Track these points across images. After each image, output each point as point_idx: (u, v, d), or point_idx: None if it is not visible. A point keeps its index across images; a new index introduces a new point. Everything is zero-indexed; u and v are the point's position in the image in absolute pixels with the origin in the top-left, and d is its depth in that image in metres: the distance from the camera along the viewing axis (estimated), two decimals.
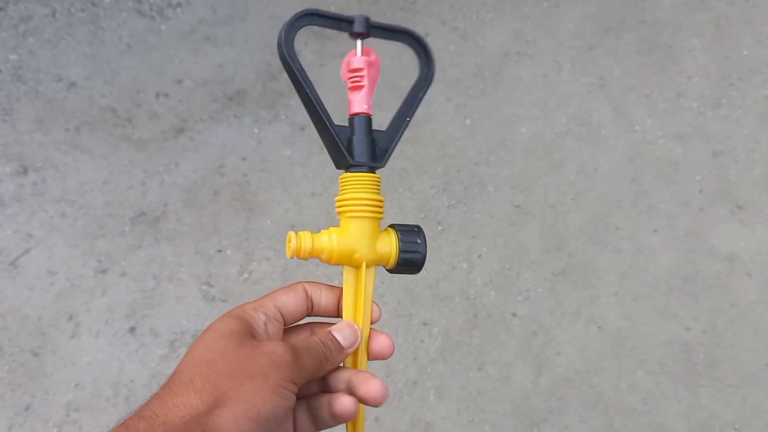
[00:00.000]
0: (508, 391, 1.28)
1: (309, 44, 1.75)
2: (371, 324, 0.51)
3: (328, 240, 0.49)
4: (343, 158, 0.51)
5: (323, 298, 0.51)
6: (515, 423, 1.25)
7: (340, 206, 0.51)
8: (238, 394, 0.41)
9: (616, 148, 1.58)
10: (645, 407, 1.26)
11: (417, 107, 0.54)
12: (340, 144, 0.51)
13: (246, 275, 1.42)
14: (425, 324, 1.35)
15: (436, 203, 1.50)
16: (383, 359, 0.51)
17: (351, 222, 0.50)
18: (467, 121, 1.63)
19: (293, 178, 1.54)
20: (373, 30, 0.53)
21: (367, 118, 0.52)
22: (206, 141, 1.60)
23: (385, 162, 0.52)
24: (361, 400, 0.49)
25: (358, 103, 0.52)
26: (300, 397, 0.47)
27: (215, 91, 1.67)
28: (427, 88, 0.55)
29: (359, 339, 0.50)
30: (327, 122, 0.51)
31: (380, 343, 0.51)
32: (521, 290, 1.39)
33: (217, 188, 1.53)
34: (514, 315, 1.36)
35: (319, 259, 0.49)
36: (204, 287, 1.40)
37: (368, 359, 0.51)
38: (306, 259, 0.49)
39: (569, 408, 1.26)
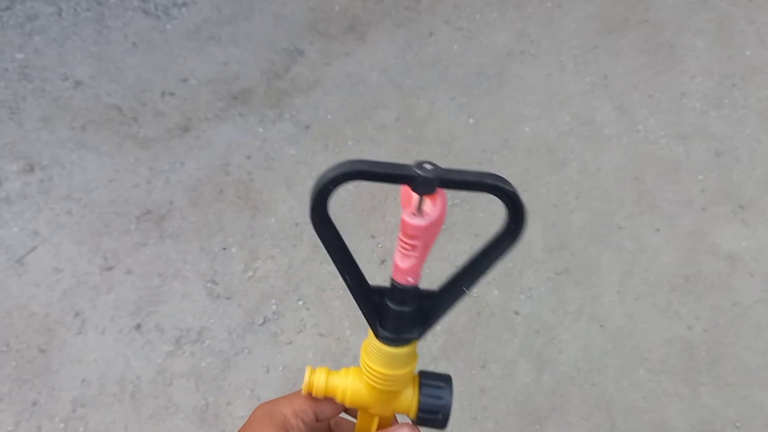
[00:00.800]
0: (510, 389, 1.29)
1: (314, 44, 1.76)
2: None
3: (342, 388, 0.44)
4: (373, 326, 0.43)
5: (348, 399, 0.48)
6: (517, 420, 1.26)
7: (363, 364, 0.44)
8: None
9: (618, 148, 1.59)
10: (646, 405, 1.27)
11: (486, 272, 0.43)
12: (369, 314, 0.43)
13: (250, 273, 1.43)
14: None
15: None
16: None
17: (368, 384, 0.44)
18: (471, 120, 1.64)
19: (298, 176, 1.55)
20: (444, 183, 0.38)
21: (413, 291, 0.42)
22: (211, 139, 1.61)
23: (424, 335, 0.43)
24: None
25: (404, 273, 0.41)
26: None
27: (220, 90, 1.69)
28: (509, 250, 0.42)
29: None
30: (356, 290, 0.43)
31: None
32: (524, 289, 1.40)
33: (222, 186, 1.54)
34: (516, 313, 1.37)
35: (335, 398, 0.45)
36: (209, 285, 1.42)
37: None
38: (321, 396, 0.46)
39: (571, 406, 1.27)
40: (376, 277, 1.40)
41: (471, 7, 1.85)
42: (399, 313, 0.42)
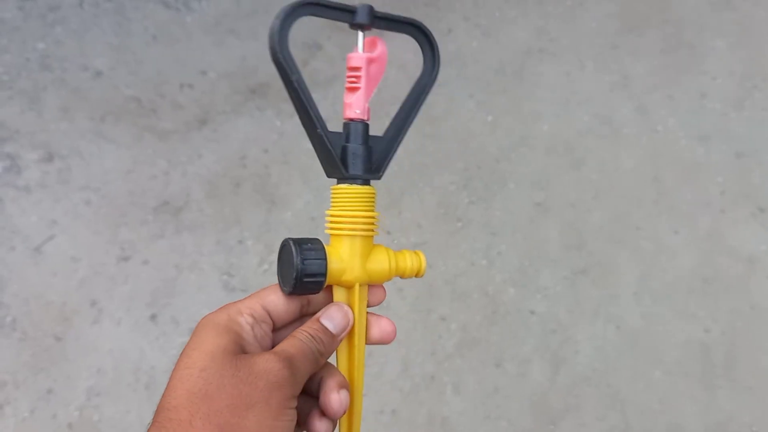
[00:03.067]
0: (525, 388, 1.28)
1: (332, 38, 1.76)
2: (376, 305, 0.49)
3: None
4: (335, 169, 0.46)
5: (321, 294, 0.47)
6: (532, 420, 1.25)
7: (331, 223, 0.47)
8: (242, 430, 0.37)
9: (637, 148, 1.57)
10: (662, 407, 1.26)
11: (419, 110, 0.49)
12: (333, 154, 0.46)
13: (266, 266, 1.43)
14: (443, 319, 1.36)
15: (456, 199, 1.50)
16: (386, 344, 0.49)
17: (341, 242, 0.46)
18: (489, 118, 1.63)
19: (314, 171, 1.55)
20: (376, 21, 0.47)
21: (363, 126, 0.47)
22: (229, 133, 1.61)
23: (382, 173, 0.48)
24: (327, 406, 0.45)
25: (353, 107, 0.47)
26: None
27: (238, 84, 1.69)
28: (430, 88, 0.49)
29: (351, 320, 0.46)
30: (319, 129, 0.45)
31: (382, 327, 0.48)
32: (540, 288, 1.39)
33: (239, 180, 1.54)
34: (532, 312, 1.36)
35: None
36: (224, 277, 1.42)
37: (370, 344, 0.49)
38: None
39: (586, 406, 1.27)
40: None
41: (490, 4, 1.84)
42: (357, 149, 0.47)
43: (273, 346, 0.44)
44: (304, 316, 0.47)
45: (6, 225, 1.46)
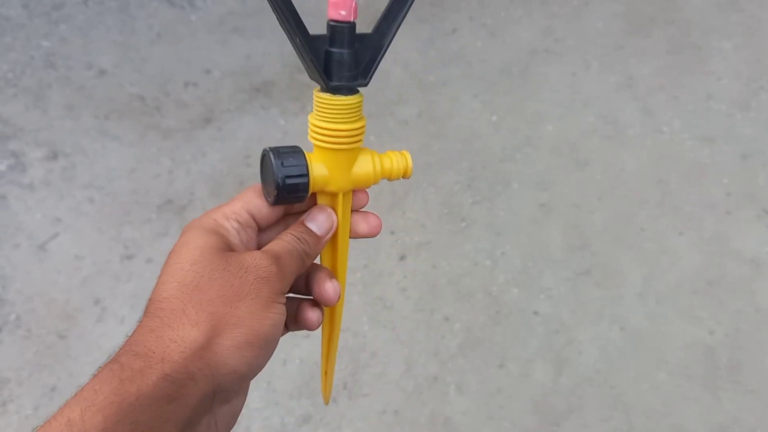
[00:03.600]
0: (528, 389, 1.28)
1: None
2: (361, 208, 0.48)
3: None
4: (318, 78, 0.43)
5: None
6: (535, 420, 1.25)
7: (313, 133, 0.44)
8: (234, 319, 0.38)
9: (642, 149, 1.57)
10: (665, 409, 1.26)
11: (412, 3, 0.44)
12: (313, 62, 0.42)
13: None
14: (447, 319, 1.36)
15: (460, 199, 1.50)
16: (372, 237, 0.49)
17: (325, 153, 0.44)
18: (493, 118, 1.63)
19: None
20: None
21: (349, 27, 0.42)
22: (233, 131, 1.61)
23: (370, 79, 0.44)
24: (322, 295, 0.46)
25: (338, 7, 0.42)
26: None
27: (243, 82, 1.69)
28: None
29: (335, 222, 0.46)
30: (298, 33, 0.41)
31: (369, 221, 0.48)
32: (544, 288, 1.39)
33: (243, 178, 1.54)
34: (536, 313, 1.36)
35: None
36: None
37: (358, 237, 0.49)
38: None
39: (589, 407, 1.26)
40: (396, 272, 1.40)
41: (496, 3, 1.84)
42: (340, 55, 0.42)
43: (259, 249, 0.44)
44: (287, 215, 0.47)
45: (10, 222, 1.46)
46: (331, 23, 0.42)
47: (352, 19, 0.42)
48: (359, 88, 0.45)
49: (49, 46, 1.70)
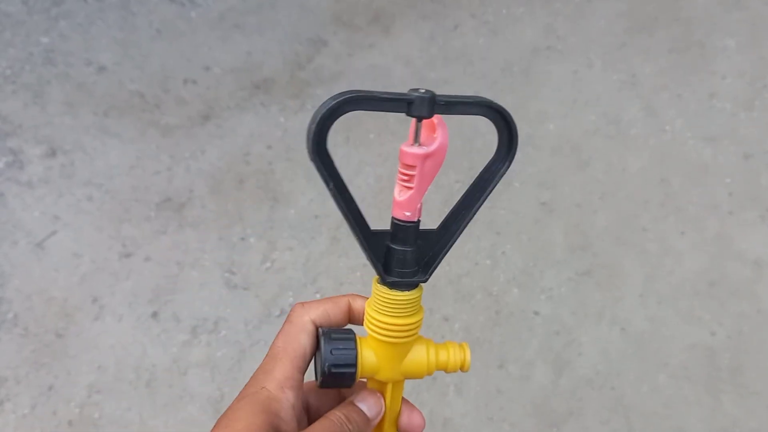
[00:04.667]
0: (528, 390, 1.27)
1: (338, 34, 1.75)
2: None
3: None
4: (376, 271, 0.42)
5: (332, 319, 0.46)
6: (535, 422, 1.24)
7: (368, 323, 0.43)
8: None
9: (645, 148, 1.56)
10: (666, 411, 1.25)
11: (484, 201, 0.43)
12: (373, 258, 0.41)
13: (268, 264, 1.42)
14: (446, 319, 1.35)
15: None
16: None
17: (378, 343, 0.43)
18: None
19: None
20: (438, 108, 0.39)
21: (413, 227, 0.41)
22: (233, 129, 1.60)
23: (430, 275, 0.43)
24: None
25: (403, 209, 0.41)
26: None
27: (243, 79, 1.68)
28: (501, 178, 0.42)
29: (383, 408, 0.45)
30: (359, 236, 0.41)
31: (412, 420, 0.47)
32: (544, 289, 1.38)
33: (243, 176, 1.53)
34: (536, 314, 1.35)
35: None
36: (226, 275, 1.41)
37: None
38: None
39: (589, 409, 1.26)
40: None
41: (497, 1, 1.83)
42: (402, 253, 0.41)
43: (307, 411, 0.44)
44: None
45: (8, 220, 1.45)
46: (395, 221, 0.41)
47: (417, 219, 0.41)
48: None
49: (49, 42, 1.70)
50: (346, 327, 0.45)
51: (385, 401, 0.45)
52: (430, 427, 1.24)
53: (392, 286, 0.42)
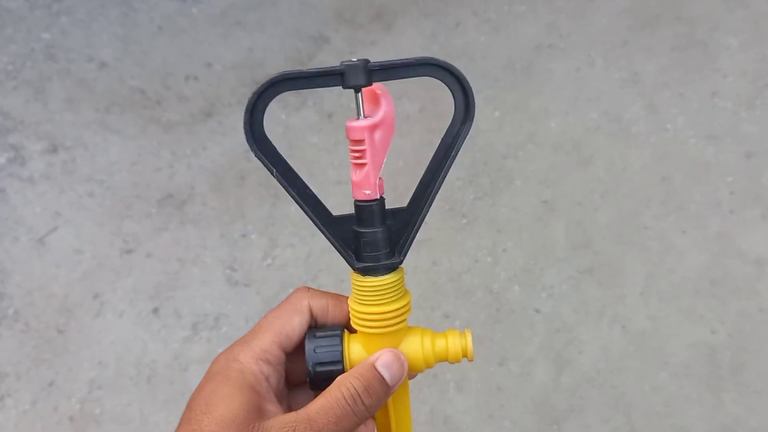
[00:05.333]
0: (529, 388, 1.27)
1: (339, 31, 1.75)
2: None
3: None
4: (348, 259, 0.40)
5: (330, 314, 0.43)
6: (535, 420, 1.24)
7: (353, 317, 0.41)
8: None
9: (646, 146, 1.55)
10: (667, 410, 1.25)
11: (449, 169, 0.41)
12: (338, 246, 0.40)
13: (270, 261, 1.42)
14: (447, 316, 1.35)
15: (462, 195, 1.49)
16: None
17: (365, 336, 0.41)
18: (496, 114, 1.61)
19: (319, 165, 1.54)
20: (376, 75, 0.37)
21: (377, 205, 0.40)
22: (234, 125, 1.60)
23: (404, 256, 0.41)
24: None
25: (361, 187, 0.39)
26: None
27: (244, 76, 1.68)
28: (463, 141, 0.41)
29: (405, 371, 0.41)
30: (320, 226, 0.39)
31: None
32: (545, 287, 1.38)
33: (244, 173, 1.53)
34: (537, 311, 1.35)
35: None
36: (228, 271, 1.41)
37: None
38: None
39: (590, 407, 1.26)
40: None
41: None
42: (370, 235, 0.39)
43: (288, 382, 0.42)
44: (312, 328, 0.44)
45: (10, 216, 1.45)
46: (357, 203, 0.40)
47: (378, 196, 0.39)
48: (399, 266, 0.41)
49: (50, 38, 1.69)
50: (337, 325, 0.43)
51: (388, 409, 0.43)
52: (430, 424, 1.25)
53: (366, 271, 0.40)
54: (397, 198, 0.45)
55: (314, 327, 0.42)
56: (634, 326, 1.33)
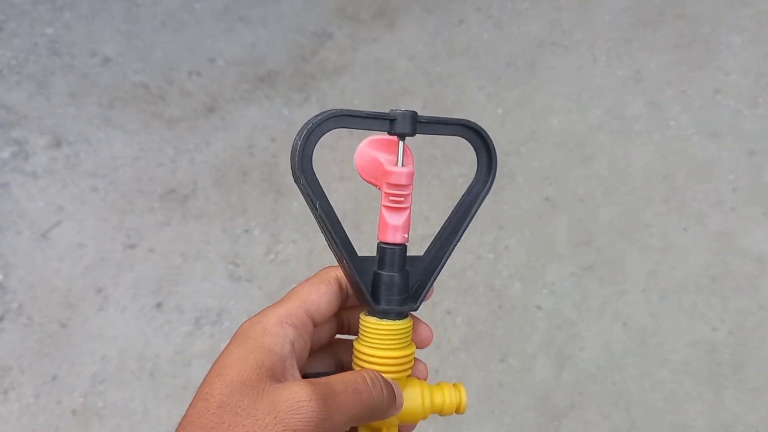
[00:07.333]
0: (529, 384, 1.28)
1: (342, 28, 1.75)
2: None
3: None
4: (364, 302, 0.40)
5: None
6: (536, 416, 1.25)
7: (357, 359, 0.41)
8: None
9: (649, 144, 1.56)
10: (667, 406, 1.25)
11: (468, 224, 0.43)
12: (361, 287, 0.39)
13: (272, 256, 1.43)
14: (449, 313, 1.35)
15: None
16: (420, 349, 0.45)
17: None
18: (499, 111, 1.62)
19: (322, 161, 1.54)
20: (420, 127, 0.40)
21: (402, 250, 0.40)
22: (237, 121, 1.60)
23: (420, 303, 0.41)
24: None
25: (395, 231, 0.40)
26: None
27: (247, 72, 1.68)
28: (484, 199, 0.43)
29: (400, 407, 0.41)
30: (346, 260, 0.39)
31: (421, 333, 0.45)
32: (547, 283, 1.38)
33: (246, 168, 1.53)
34: (538, 308, 1.35)
35: None
36: (230, 266, 1.42)
37: None
38: None
39: (591, 403, 1.26)
40: None
41: None
42: (389, 280, 0.39)
43: (310, 352, 0.41)
44: (342, 309, 0.44)
45: (13, 210, 1.46)
46: (382, 245, 0.40)
47: (406, 242, 0.40)
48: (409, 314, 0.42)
49: (53, 33, 1.70)
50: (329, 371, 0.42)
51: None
52: (430, 422, 1.25)
53: (382, 314, 0.40)
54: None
55: (311, 374, 0.42)
56: (635, 323, 1.34)
